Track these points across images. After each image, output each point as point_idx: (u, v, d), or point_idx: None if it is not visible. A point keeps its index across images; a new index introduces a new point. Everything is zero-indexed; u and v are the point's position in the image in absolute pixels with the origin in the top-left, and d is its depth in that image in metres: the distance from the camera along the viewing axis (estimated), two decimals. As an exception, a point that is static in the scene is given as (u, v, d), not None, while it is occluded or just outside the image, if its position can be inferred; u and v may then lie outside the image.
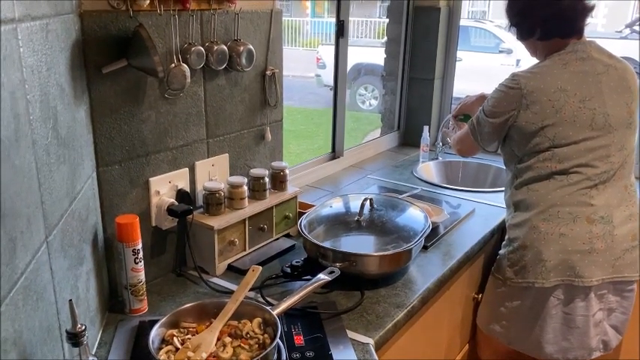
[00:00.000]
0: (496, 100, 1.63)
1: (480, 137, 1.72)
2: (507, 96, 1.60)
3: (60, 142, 0.96)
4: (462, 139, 1.83)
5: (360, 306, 1.31)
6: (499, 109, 1.62)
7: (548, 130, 1.55)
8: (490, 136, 1.69)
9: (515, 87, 1.58)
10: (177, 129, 1.38)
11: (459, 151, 1.90)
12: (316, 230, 1.55)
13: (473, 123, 1.74)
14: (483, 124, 1.68)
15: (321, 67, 7.63)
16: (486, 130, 1.68)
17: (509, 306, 1.66)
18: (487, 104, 1.66)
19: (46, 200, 0.86)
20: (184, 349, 1.05)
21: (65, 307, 0.91)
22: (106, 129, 1.22)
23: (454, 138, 1.91)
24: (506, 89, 1.61)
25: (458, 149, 1.90)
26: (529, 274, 1.58)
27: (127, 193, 1.30)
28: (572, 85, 1.54)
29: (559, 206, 1.56)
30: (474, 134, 1.73)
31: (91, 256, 1.16)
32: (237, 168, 1.59)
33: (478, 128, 1.71)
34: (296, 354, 1.12)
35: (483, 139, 1.72)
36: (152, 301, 1.30)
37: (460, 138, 1.85)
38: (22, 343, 0.75)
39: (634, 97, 1.59)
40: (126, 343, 1.16)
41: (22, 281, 0.75)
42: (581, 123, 1.53)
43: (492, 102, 1.64)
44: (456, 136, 1.90)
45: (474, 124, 1.73)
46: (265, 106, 1.63)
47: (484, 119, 1.67)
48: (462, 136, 1.83)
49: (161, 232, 1.40)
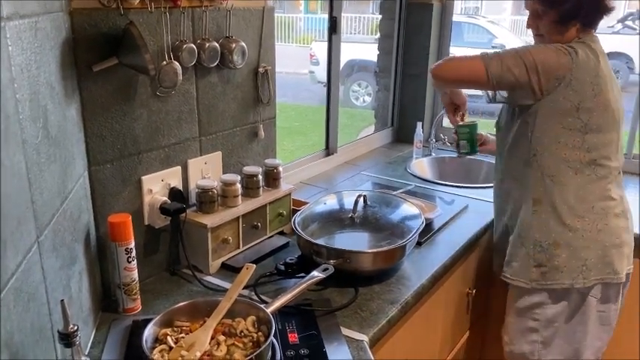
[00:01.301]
0: (546, 56, 1.42)
1: (494, 67, 1.43)
2: (559, 60, 1.41)
3: (50, 141, 0.95)
4: (461, 60, 1.54)
5: (354, 303, 1.31)
6: (543, 65, 1.41)
7: (583, 112, 1.42)
8: (509, 74, 1.42)
9: (568, 54, 1.41)
10: (170, 127, 1.38)
11: (442, 70, 1.54)
12: (310, 227, 1.55)
13: (489, 53, 1.47)
14: (510, 57, 1.43)
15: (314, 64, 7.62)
16: (511, 64, 1.42)
17: (541, 316, 1.53)
18: (528, 49, 1.45)
19: (36, 200, 0.86)
20: (178, 348, 1.04)
21: (57, 308, 0.91)
22: (98, 127, 1.22)
23: (445, 59, 1.58)
24: (559, 52, 1.41)
25: (443, 69, 1.54)
26: (564, 275, 1.48)
27: (119, 192, 1.29)
28: (605, 73, 1.46)
29: (592, 201, 1.48)
30: (487, 60, 1.44)
31: (84, 256, 1.15)
32: (230, 166, 1.59)
33: (498, 57, 1.44)
34: (290, 352, 1.12)
35: (498, 72, 1.43)
36: (145, 300, 1.30)
37: (458, 59, 1.55)
38: (13, 345, 0.74)
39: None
40: (119, 343, 1.16)
41: (12, 282, 0.74)
42: (609, 113, 1.46)
43: (539, 52, 1.43)
44: (451, 58, 1.59)
45: (493, 53, 1.47)
46: (258, 104, 1.63)
47: (515, 54, 1.43)
48: (462, 59, 1.54)
49: (154, 231, 1.40)
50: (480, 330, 2.12)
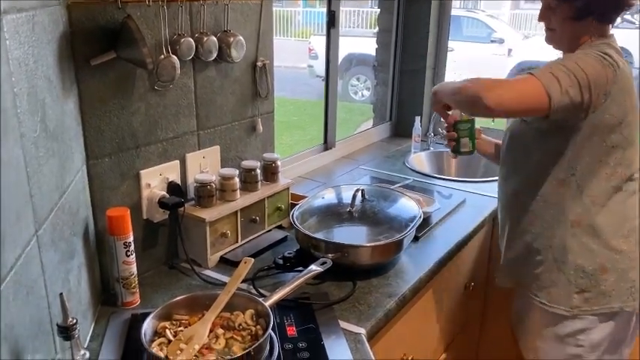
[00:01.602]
0: (595, 70, 1.24)
1: (555, 92, 1.21)
2: (606, 73, 1.25)
3: (49, 135, 0.95)
4: (516, 85, 1.27)
5: (352, 296, 1.31)
6: (595, 82, 1.24)
7: (625, 127, 1.30)
8: (567, 97, 1.23)
9: (611, 66, 1.26)
10: (168, 121, 1.38)
11: (504, 100, 1.24)
12: (308, 222, 1.55)
13: (541, 74, 1.24)
14: (564, 76, 1.23)
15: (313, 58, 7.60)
16: (567, 84, 1.23)
17: (585, 342, 1.41)
18: (576, 63, 1.25)
19: (35, 194, 0.86)
20: (177, 341, 1.05)
21: (56, 301, 0.91)
22: (96, 121, 1.22)
23: (487, 84, 1.27)
24: (604, 64, 1.25)
25: (504, 99, 1.24)
26: (612, 299, 1.37)
27: (117, 186, 1.29)
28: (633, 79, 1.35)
29: (632, 219, 1.38)
30: (547, 84, 1.21)
31: (82, 250, 1.16)
32: (228, 160, 1.59)
33: (554, 78, 1.22)
34: (288, 345, 1.12)
35: (558, 97, 1.22)
36: (144, 294, 1.30)
37: (509, 84, 1.30)
38: (12, 338, 0.75)
39: None
40: (118, 336, 1.16)
41: (11, 275, 0.75)
42: (638, 122, 1.35)
43: (588, 66, 1.24)
44: (498, 83, 1.29)
45: (547, 73, 1.23)
46: (256, 98, 1.63)
47: (567, 71, 1.23)
48: (515, 83, 1.29)
49: (152, 225, 1.40)
50: (477, 325, 2.14)
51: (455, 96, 1.40)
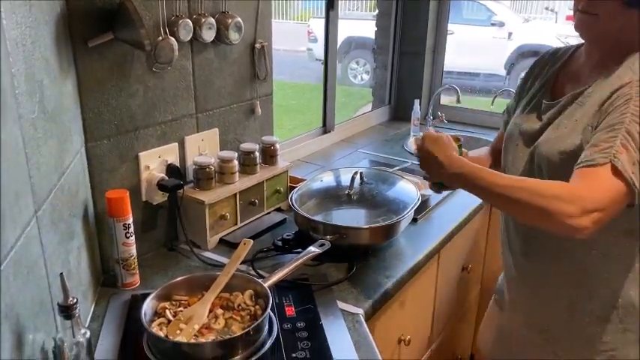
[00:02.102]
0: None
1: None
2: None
3: (47, 116, 0.95)
4: (600, 187, 0.97)
5: (350, 278, 1.33)
6: None
7: None
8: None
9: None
10: (166, 103, 1.38)
11: (595, 219, 0.94)
12: (307, 204, 1.56)
13: (618, 157, 0.95)
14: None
15: (312, 41, 7.55)
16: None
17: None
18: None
19: (34, 175, 0.86)
20: (176, 321, 1.06)
21: (56, 281, 0.92)
22: (94, 103, 1.21)
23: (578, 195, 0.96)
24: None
25: (588, 213, 0.94)
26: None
27: (116, 168, 1.30)
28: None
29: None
30: (627, 174, 0.95)
31: (82, 231, 1.16)
32: (227, 143, 1.59)
33: (631, 160, 0.95)
34: (287, 325, 1.13)
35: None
36: (144, 275, 1.31)
37: (595, 188, 0.97)
38: (14, 316, 0.76)
39: None
40: (118, 317, 1.17)
41: (12, 255, 0.75)
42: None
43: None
44: (585, 193, 0.97)
45: (623, 154, 0.95)
46: (255, 80, 1.62)
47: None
48: (599, 183, 0.97)
49: (152, 207, 1.40)
50: (475, 307, 2.15)
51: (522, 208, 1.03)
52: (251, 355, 1.01)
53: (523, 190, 1.01)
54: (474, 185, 1.09)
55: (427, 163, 1.19)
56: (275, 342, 1.06)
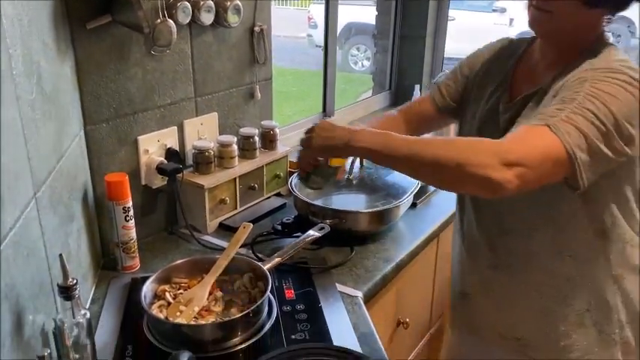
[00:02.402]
0: (627, 104, 0.90)
1: (589, 166, 0.89)
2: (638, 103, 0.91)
3: (45, 98, 0.95)
4: (532, 143, 0.88)
5: (349, 261, 1.33)
6: (631, 121, 0.90)
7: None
8: (601, 157, 0.90)
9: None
10: (165, 87, 1.37)
11: (531, 169, 0.86)
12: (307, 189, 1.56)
13: (558, 124, 0.87)
14: (589, 126, 0.87)
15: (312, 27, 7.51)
16: (596, 137, 0.88)
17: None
18: (604, 102, 0.88)
19: (32, 156, 0.86)
20: (176, 304, 1.06)
21: (56, 263, 0.92)
22: (92, 86, 1.21)
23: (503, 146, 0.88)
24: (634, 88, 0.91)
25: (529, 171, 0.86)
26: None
27: (115, 152, 1.30)
28: None
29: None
30: (568, 143, 0.86)
31: (82, 214, 1.17)
32: (226, 127, 1.58)
33: (578, 131, 0.87)
34: (287, 307, 1.14)
35: (592, 169, 0.90)
36: (144, 259, 1.31)
37: (526, 142, 0.89)
38: (14, 296, 0.76)
39: None
40: (119, 299, 1.18)
41: (11, 236, 0.75)
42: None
43: (616, 102, 0.89)
44: (514, 144, 0.89)
45: (566, 123, 0.87)
46: (254, 64, 1.61)
47: (594, 118, 0.87)
48: (530, 139, 0.89)
49: (151, 191, 1.41)
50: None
51: (418, 165, 0.94)
52: (251, 337, 1.02)
53: (447, 148, 0.92)
54: (382, 143, 0.96)
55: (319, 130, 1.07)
56: (274, 324, 1.07)
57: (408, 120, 1.33)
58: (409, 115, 1.34)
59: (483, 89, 1.17)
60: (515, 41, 1.19)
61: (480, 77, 1.20)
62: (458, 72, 1.26)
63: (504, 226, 1.09)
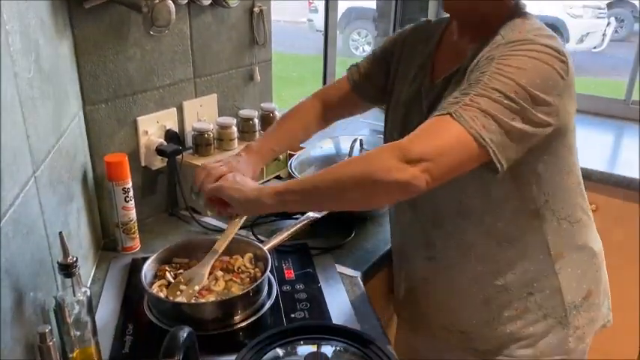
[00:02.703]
0: (540, 74, 0.86)
1: (505, 146, 0.85)
2: (556, 72, 0.88)
3: (43, 76, 0.94)
4: (436, 138, 0.84)
5: (349, 242, 1.33)
6: (547, 91, 0.87)
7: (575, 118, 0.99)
8: (524, 139, 0.87)
9: (562, 61, 0.89)
10: (164, 67, 1.36)
11: (436, 166, 0.82)
12: (307, 171, 1.56)
13: (460, 111, 0.83)
14: (498, 107, 0.83)
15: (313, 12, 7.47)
16: (521, 129, 0.85)
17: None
18: (513, 78, 0.84)
19: (31, 134, 0.86)
20: (177, 283, 1.07)
21: (56, 242, 0.92)
22: (91, 67, 1.20)
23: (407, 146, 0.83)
24: (553, 59, 0.87)
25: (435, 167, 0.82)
26: (599, 320, 1.16)
27: (114, 133, 1.29)
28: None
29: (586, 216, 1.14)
30: (474, 129, 0.82)
31: (81, 194, 1.17)
32: (225, 109, 1.58)
33: (484, 114, 0.83)
34: (287, 287, 1.15)
35: (511, 148, 0.86)
36: (144, 240, 1.32)
37: (429, 137, 0.84)
38: (14, 273, 0.76)
39: None
40: (119, 280, 1.18)
41: (10, 213, 0.75)
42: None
43: (529, 73, 0.85)
44: (417, 141, 0.84)
45: (468, 108, 0.83)
46: (253, 45, 1.60)
47: (502, 100, 0.83)
48: (434, 133, 0.85)
49: (151, 173, 1.40)
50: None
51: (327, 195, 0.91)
52: (251, 316, 1.03)
53: (344, 168, 0.89)
54: (297, 193, 0.92)
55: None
56: (274, 303, 1.07)
57: (326, 101, 1.28)
58: (327, 98, 1.28)
59: (406, 74, 1.12)
60: (434, 22, 1.15)
61: (402, 61, 1.14)
62: (378, 54, 1.21)
63: (438, 220, 1.01)
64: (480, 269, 1.06)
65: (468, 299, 1.09)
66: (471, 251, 1.06)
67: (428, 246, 1.10)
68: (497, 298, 1.07)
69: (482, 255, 1.05)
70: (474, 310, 1.10)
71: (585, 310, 1.09)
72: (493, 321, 1.08)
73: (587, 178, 1.82)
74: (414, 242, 1.15)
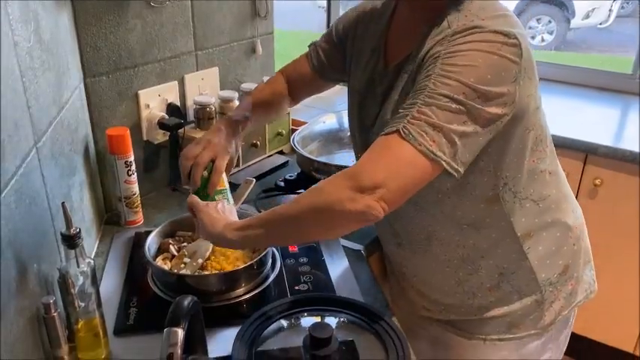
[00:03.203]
0: (490, 68, 0.81)
1: (461, 153, 0.81)
2: (506, 62, 0.81)
3: (43, 47, 0.93)
4: (392, 163, 0.80)
5: (352, 217, 1.32)
6: (500, 82, 0.81)
7: (537, 97, 0.94)
8: (480, 138, 0.83)
9: (514, 46, 0.82)
10: (165, 40, 1.34)
11: (394, 196, 0.79)
12: (309, 146, 1.55)
13: (410, 130, 0.78)
14: (448, 114, 0.79)
15: (314, -13, 7.34)
16: (475, 131, 0.81)
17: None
18: (457, 75, 0.79)
19: (32, 105, 0.85)
20: (181, 256, 1.07)
21: (59, 214, 0.92)
22: (92, 38, 1.19)
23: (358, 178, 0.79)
24: (502, 47, 0.81)
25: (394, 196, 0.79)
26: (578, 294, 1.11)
27: (116, 106, 1.28)
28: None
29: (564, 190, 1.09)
30: (424, 148, 0.78)
31: (83, 168, 1.16)
32: (227, 82, 1.56)
33: (433, 127, 0.78)
34: (290, 260, 1.15)
35: (467, 152, 0.82)
36: (147, 214, 1.31)
37: (383, 161, 0.80)
38: (17, 244, 0.76)
39: None
40: (122, 253, 1.18)
41: (12, 184, 0.75)
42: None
43: (474, 71, 0.79)
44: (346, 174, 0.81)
45: (415, 122, 0.79)
46: (255, 18, 1.58)
47: (451, 102, 0.79)
48: (388, 159, 0.80)
49: (153, 147, 1.40)
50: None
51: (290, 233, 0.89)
52: (255, 288, 1.03)
53: (301, 202, 0.84)
54: (258, 228, 0.88)
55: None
56: (278, 275, 1.07)
57: (290, 80, 1.22)
58: (291, 76, 1.23)
59: (359, 59, 1.05)
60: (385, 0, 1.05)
61: (356, 44, 1.07)
62: (333, 33, 1.14)
63: (395, 212, 0.87)
64: (446, 254, 1.03)
65: (441, 281, 1.06)
66: (434, 238, 1.02)
67: (394, 234, 1.08)
68: (469, 281, 1.03)
69: (445, 241, 1.01)
70: (448, 291, 1.06)
71: (562, 285, 1.05)
72: (467, 300, 1.05)
73: (593, 152, 1.84)
74: (382, 230, 1.13)
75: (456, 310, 1.07)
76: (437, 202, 0.96)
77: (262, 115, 1.21)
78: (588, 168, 1.88)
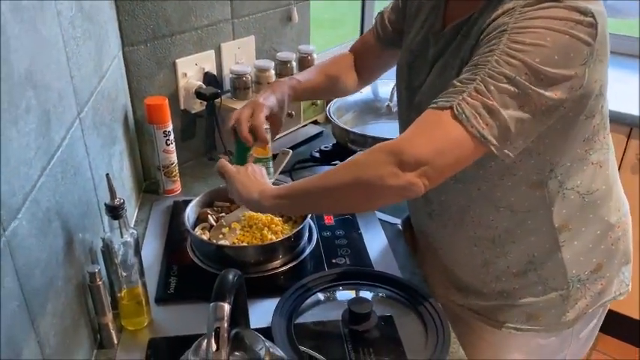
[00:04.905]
0: (558, 50, 0.75)
1: (512, 139, 0.77)
2: (578, 40, 0.75)
3: (84, 15, 0.92)
4: (438, 138, 0.77)
5: (389, 189, 1.31)
6: (568, 64, 0.76)
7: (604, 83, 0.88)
8: (536, 125, 0.79)
9: (590, 26, 0.75)
10: (202, 8, 1.33)
11: (438, 170, 0.77)
12: (345, 117, 1.53)
13: (463, 108, 0.75)
14: (507, 92, 0.74)
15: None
16: (528, 117, 0.76)
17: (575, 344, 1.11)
18: (528, 57, 0.74)
19: (75, 75, 0.85)
20: (219, 226, 1.08)
21: (102, 184, 0.93)
22: (130, 6, 1.18)
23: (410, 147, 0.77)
24: (576, 27, 0.75)
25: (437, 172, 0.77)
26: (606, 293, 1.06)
27: (154, 75, 1.28)
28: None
29: (614, 186, 1.03)
30: (474, 129, 0.75)
31: (123, 137, 1.17)
32: (263, 51, 1.54)
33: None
34: (327, 232, 1.14)
35: (520, 138, 0.78)
36: (185, 183, 1.32)
37: (430, 137, 0.78)
38: (64, 214, 0.77)
39: None
40: (161, 222, 1.20)
41: (58, 155, 0.76)
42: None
43: (550, 53, 0.74)
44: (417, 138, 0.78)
45: (473, 102, 0.75)
46: (292, -16, 1.55)
47: (516, 85, 0.74)
48: (436, 133, 0.78)
49: (190, 116, 1.40)
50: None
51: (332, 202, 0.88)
52: (292, 260, 1.03)
53: (340, 173, 0.82)
54: (294, 198, 0.88)
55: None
56: (315, 248, 1.08)
57: (359, 56, 1.19)
58: (359, 52, 1.20)
59: (418, 14, 1.00)
60: None
61: (416, 1, 1.03)
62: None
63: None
64: (477, 232, 0.99)
65: (467, 259, 1.03)
66: (467, 214, 0.98)
67: (427, 202, 1.03)
68: (496, 264, 1.00)
69: (478, 219, 0.97)
70: (472, 270, 1.03)
71: (592, 283, 1.00)
72: (490, 284, 1.02)
73: (637, 126, 1.77)
74: (415, 198, 1.09)
75: (477, 292, 1.04)
76: (477, 178, 0.92)
77: (320, 88, 1.18)
78: (632, 142, 1.82)
